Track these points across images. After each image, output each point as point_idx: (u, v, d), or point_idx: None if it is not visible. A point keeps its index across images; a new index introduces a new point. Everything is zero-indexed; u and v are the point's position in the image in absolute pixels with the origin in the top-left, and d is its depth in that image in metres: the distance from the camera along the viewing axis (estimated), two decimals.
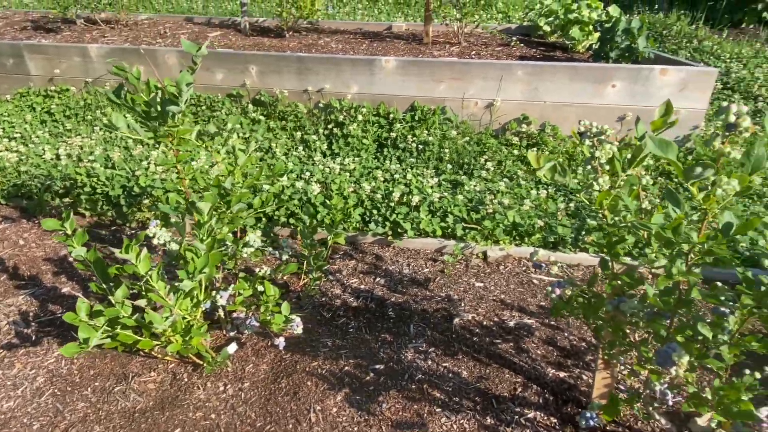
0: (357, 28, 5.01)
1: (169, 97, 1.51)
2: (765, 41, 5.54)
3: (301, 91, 3.71)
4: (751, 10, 5.77)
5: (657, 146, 0.91)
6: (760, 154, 0.94)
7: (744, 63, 5.19)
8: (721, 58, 5.23)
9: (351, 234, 2.60)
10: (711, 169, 0.89)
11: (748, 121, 0.87)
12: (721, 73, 5.08)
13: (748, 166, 0.95)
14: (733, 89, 4.81)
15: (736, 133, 0.88)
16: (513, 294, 2.24)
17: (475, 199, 2.71)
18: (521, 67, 3.37)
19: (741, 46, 5.40)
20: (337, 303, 2.19)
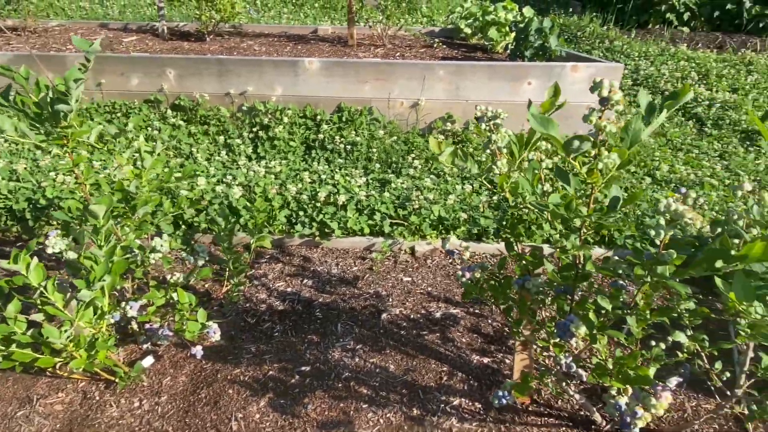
0: (282, 31, 4.95)
1: (57, 96, 1.41)
2: (669, 40, 5.97)
3: (223, 94, 3.61)
4: (655, 12, 6.21)
5: (539, 123, 0.94)
6: (636, 128, 0.99)
7: (651, 61, 5.58)
8: (630, 56, 5.59)
9: (277, 237, 2.54)
10: (588, 143, 0.93)
11: (620, 95, 0.92)
12: (631, 71, 5.43)
13: (627, 141, 1.00)
14: (642, 85, 5.15)
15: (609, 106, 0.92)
16: (440, 286, 2.27)
17: (402, 196, 2.73)
18: (442, 67, 3.44)
19: (648, 45, 5.80)
20: (262, 308, 2.12)
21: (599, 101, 0.94)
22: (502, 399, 1.21)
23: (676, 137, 4.07)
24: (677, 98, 0.95)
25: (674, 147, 3.94)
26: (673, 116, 4.54)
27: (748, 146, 4.05)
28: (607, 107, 0.93)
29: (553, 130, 0.94)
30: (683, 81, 5.14)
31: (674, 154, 3.83)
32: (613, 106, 0.93)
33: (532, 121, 0.94)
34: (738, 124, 4.35)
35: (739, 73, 5.27)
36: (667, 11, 6.14)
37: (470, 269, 1.32)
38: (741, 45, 5.84)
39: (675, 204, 1.00)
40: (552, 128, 0.94)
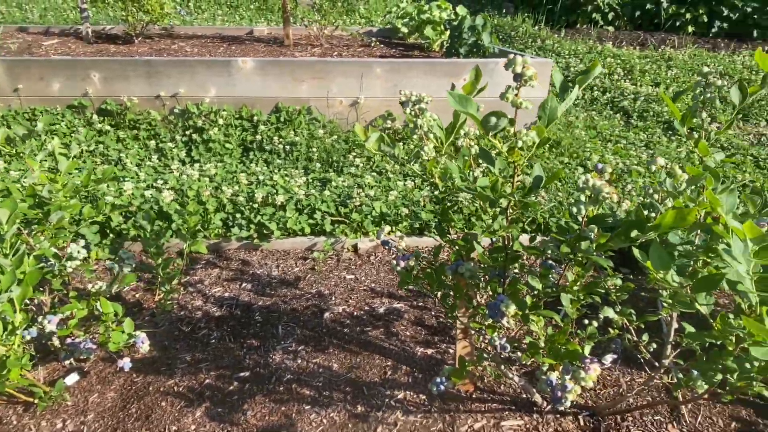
0: (216, 33, 4.81)
1: None
2: (596, 39, 6.26)
3: (153, 97, 3.45)
4: (582, 12, 6.50)
5: (457, 102, 0.94)
6: (552, 106, 1.01)
7: (580, 58, 5.83)
8: (561, 54, 5.82)
9: (213, 241, 2.44)
10: (505, 119, 0.94)
11: (532, 70, 0.93)
12: (562, 68, 5.65)
13: (545, 119, 1.02)
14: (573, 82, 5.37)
15: (523, 82, 0.93)
16: (383, 282, 2.25)
17: (344, 194, 2.70)
18: (380, 64, 3.44)
19: (577, 44, 6.06)
20: (198, 315, 2.03)
21: (513, 77, 0.95)
22: (440, 385, 1.20)
23: (605, 129, 4.25)
24: (587, 74, 0.97)
25: (604, 138, 4.12)
26: (602, 110, 4.75)
27: (671, 136, 4.30)
28: (521, 83, 0.94)
29: (471, 108, 0.94)
30: (611, 77, 5.40)
31: (604, 145, 4.00)
32: (527, 81, 0.94)
33: (451, 100, 0.94)
34: (661, 115, 4.61)
35: (660, 68, 5.60)
36: (593, 11, 6.44)
37: (405, 258, 1.30)
38: (660, 42, 6.21)
39: (592, 180, 1.02)
40: (470, 107, 0.94)
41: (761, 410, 1.61)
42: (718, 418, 1.59)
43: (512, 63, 0.92)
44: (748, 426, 1.56)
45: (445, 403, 1.62)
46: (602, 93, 5.08)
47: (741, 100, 1.26)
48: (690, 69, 5.64)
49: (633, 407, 1.59)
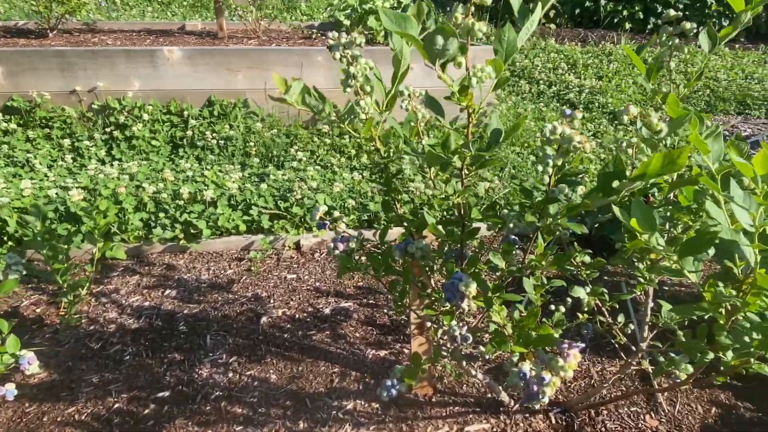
0: (144, 28, 4.45)
1: None
2: (539, 36, 6.30)
3: (68, 92, 3.09)
4: None
5: (393, 22, 0.74)
6: (511, 37, 0.83)
7: (525, 54, 5.84)
8: None
9: (133, 245, 2.14)
10: (454, 40, 0.74)
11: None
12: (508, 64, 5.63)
13: (502, 53, 0.84)
14: (519, 76, 5.35)
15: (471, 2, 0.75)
16: (329, 280, 2.02)
17: (284, 188, 2.45)
18: (320, 52, 3.23)
19: None
20: (111, 328, 1.73)
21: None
22: (392, 389, 0.99)
23: (553, 120, 4.20)
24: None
25: None
26: (549, 102, 4.73)
27: (616, 125, 4.31)
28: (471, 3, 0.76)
29: (412, 28, 0.74)
30: (555, 71, 5.42)
31: None
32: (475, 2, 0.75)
33: (384, 19, 0.74)
34: (606, 106, 4.63)
35: (602, 62, 5.67)
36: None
37: (344, 240, 1.09)
38: (601, 38, 6.33)
39: (561, 126, 0.85)
40: (410, 27, 0.74)
41: (739, 393, 1.49)
42: (697, 404, 1.46)
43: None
44: (728, 410, 1.44)
45: (401, 411, 1.41)
46: (548, 86, 5.08)
47: (711, 47, 1.13)
48: (630, 63, 5.75)
49: (607, 399, 1.44)
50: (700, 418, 1.41)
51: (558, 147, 0.87)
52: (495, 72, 0.79)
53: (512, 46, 0.81)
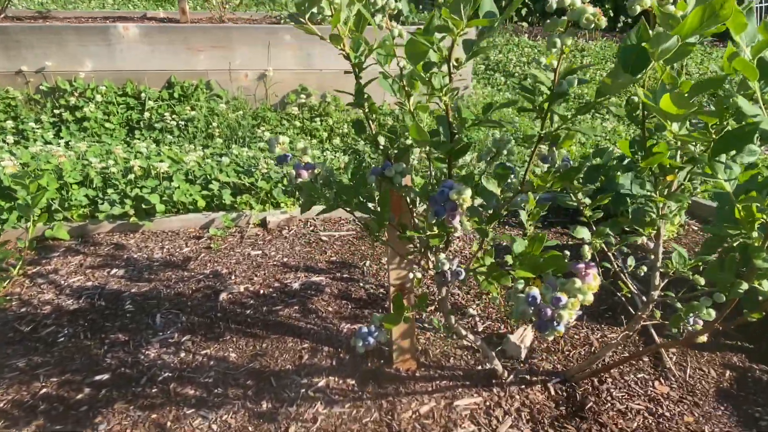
0: (103, 16, 4.20)
1: None
2: (512, 32, 6.28)
3: (14, 72, 2.84)
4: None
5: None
6: None
7: (499, 50, 5.80)
8: None
9: (78, 224, 1.91)
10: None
11: None
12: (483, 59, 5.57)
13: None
14: (494, 70, 5.29)
15: None
16: (298, 255, 1.82)
17: (249, 164, 2.25)
18: (288, 30, 3.06)
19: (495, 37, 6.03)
20: (46, 310, 1.50)
21: None
22: (369, 337, 0.81)
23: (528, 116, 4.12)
24: None
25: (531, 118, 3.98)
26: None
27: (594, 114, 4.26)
28: None
29: None
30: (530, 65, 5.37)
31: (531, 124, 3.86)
32: None
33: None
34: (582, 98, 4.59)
35: (575, 57, 5.67)
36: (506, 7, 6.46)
37: (309, 167, 0.91)
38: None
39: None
40: None
41: (753, 355, 1.36)
42: (709, 368, 1.31)
43: None
44: (743, 373, 1.30)
45: (380, 387, 1.23)
46: (523, 79, 5.02)
47: None
48: (603, 58, 5.76)
49: (611, 364, 1.28)
50: (714, 382, 1.26)
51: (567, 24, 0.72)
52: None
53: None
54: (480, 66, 5.31)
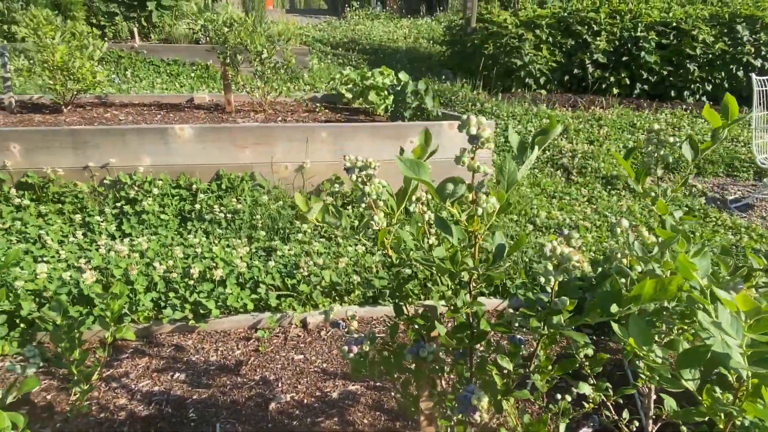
0: (154, 101, 4.66)
1: None
2: (531, 101, 6.59)
3: (81, 168, 3.21)
4: (516, 78, 6.87)
5: (408, 167, 0.84)
6: (511, 169, 0.92)
7: (518, 119, 6.08)
8: (500, 116, 6.05)
9: (143, 325, 2.18)
10: (463, 185, 0.84)
11: (489, 132, 0.85)
12: (502, 129, 5.86)
13: (504, 183, 0.93)
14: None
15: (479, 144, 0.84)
16: (336, 360, 2.05)
17: (290, 264, 2.52)
18: (324, 128, 3.39)
19: (514, 107, 6.34)
20: (121, 416, 1.74)
21: (468, 140, 0.86)
22: None
23: (549, 186, 4.35)
24: (547, 133, 0.90)
25: (548, 195, 4.20)
26: (543, 167, 4.89)
27: (610, 190, 4.45)
28: (477, 146, 0.85)
29: (425, 174, 0.84)
30: None
31: (549, 202, 4.07)
32: (484, 143, 0.85)
33: (401, 166, 0.83)
34: (598, 171, 4.80)
35: (592, 127, 5.91)
36: (526, 77, 6.81)
37: (357, 342, 1.14)
38: (590, 103, 6.62)
39: (560, 247, 0.92)
40: (423, 173, 0.84)
41: None
42: None
43: (466, 124, 0.83)
44: None
45: None
46: (542, 151, 5.26)
47: (693, 156, 1.24)
48: (619, 127, 5.99)
49: None
50: None
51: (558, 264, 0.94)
52: (498, 202, 0.88)
53: (513, 178, 0.90)
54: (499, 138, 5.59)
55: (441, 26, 10.39)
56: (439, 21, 10.93)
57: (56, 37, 3.84)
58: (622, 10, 6.91)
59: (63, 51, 3.81)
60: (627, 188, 4.55)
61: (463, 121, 0.82)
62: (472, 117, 0.82)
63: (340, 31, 9.79)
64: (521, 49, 6.66)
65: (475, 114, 5.09)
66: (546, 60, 6.77)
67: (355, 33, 9.67)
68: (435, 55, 8.56)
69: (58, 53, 3.79)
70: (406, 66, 8.08)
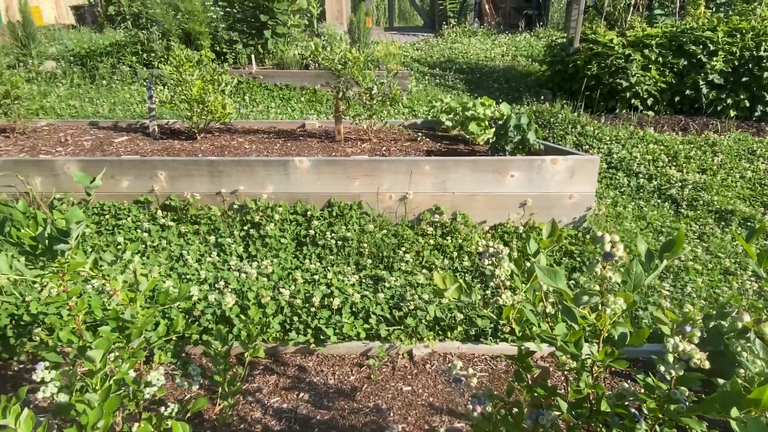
0: (270, 126, 5.12)
1: (57, 235, 1.41)
2: (636, 124, 6.33)
3: (214, 193, 3.66)
4: (621, 98, 6.63)
5: (546, 275, 0.97)
6: (638, 272, 1.02)
7: (622, 144, 5.88)
8: (602, 140, 5.89)
9: (271, 345, 2.48)
10: (596, 296, 0.96)
11: (622, 250, 0.96)
12: (605, 154, 5.70)
13: (630, 284, 1.03)
14: (617, 168, 5.39)
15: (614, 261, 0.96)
16: (441, 395, 2.21)
17: (397, 296, 2.72)
18: (427, 162, 3.57)
19: (618, 130, 6.13)
20: (257, 429, 2.03)
21: (603, 256, 0.97)
22: None
23: (655, 220, 4.20)
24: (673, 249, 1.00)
25: (654, 230, 4.06)
26: (649, 198, 4.71)
27: (724, 227, 4.19)
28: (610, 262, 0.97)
29: (561, 282, 0.97)
30: (655, 163, 5.40)
31: (656, 237, 3.94)
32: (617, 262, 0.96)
33: (539, 273, 0.97)
34: (711, 204, 4.53)
35: (705, 154, 5.56)
36: (632, 97, 6.56)
37: (481, 401, 1.29)
38: (703, 127, 6.22)
39: (682, 344, 1.01)
40: (559, 280, 0.97)
41: None
42: None
43: (600, 241, 0.95)
44: None
45: None
46: (648, 180, 5.05)
47: None
48: (736, 154, 5.59)
49: None
50: None
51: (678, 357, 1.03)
52: (625, 303, 0.99)
53: (639, 280, 1.00)
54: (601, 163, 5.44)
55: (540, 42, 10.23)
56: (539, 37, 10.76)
57: (194, 73, 4.38)
58: (743, 28, 6.43)
59: (199, 86, 4.34)
60: (743, 225, 4.26)
61: (596, 237, 0.95)
62: (606, 235, 0.94)
63: (437, 49, 9.97)
64: (627, 70, 6.43)
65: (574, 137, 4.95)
66: (654, 81, 6.47)
67: (452, 51, 9.81)
68: (533, 73, 8.46)
69: (195, 88, 4.32)
70: (503, 86, 8.08)
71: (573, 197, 3.61)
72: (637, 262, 1.03)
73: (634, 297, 1.02)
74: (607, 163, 5.47)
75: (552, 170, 3.55)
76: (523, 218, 3.64)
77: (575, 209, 3.65)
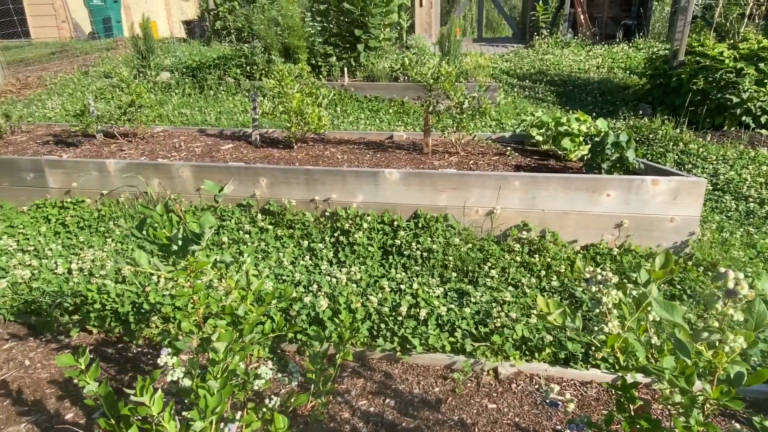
0: (360, 137, 5.31)
1: (191, 237, 1.59)
2: (747, 143, 5.84)
3: (309, 200, 3.86)
4: (730, 115, 6.14)
5: (663, 308, 0.96)
6: (761, 311, 0.99)
7: (731, 164, 5.43)
8: (707, 159, 5.49)
9: (358, 349, 2.59)
10: (717, 334, 0.94)
11: (746, 289, 0.93)
12: (710, 174, 5.30)
13: (752, 323, 1.00)
14: (723, 190, 4.99)
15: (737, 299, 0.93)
16: (527, 417, 2.19)
17: (482, 311, 2.73)
18: (517, 178, 3.54)
19: (725, 149, 5.69)
20: (346, 429, 2.13)
21: (725, 293, 0.95)
22: None
23: (766, 249, 3.85)
24: None
25: (766, 259, 3.72)
26: (761, 225, 4.33)
27: None
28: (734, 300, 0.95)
29: (678, 316, 0.96)
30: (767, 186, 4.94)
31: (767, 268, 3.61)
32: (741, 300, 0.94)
33: (655, 306, 0.97)
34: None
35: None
36: (743, 114, 6.07)
37: (579, 428, 1.29)
38: None
39: None
40: (677, 314, 0.96)
41: None
42: None
43: (723, 278, 0.93)
44: None
45: None
46: (759, 205, 4.64)
47: None
48: None
49: None
50: None
51: None
52: (746, 342, 0.96)
53: (761, 319, 0.97)
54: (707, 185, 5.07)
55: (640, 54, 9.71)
56: (638, 48, 10.21)
57: (295, 87, 4.66)
58: None
59: (299, 99, 4.61)
60: None
61: (719, 274, 0.93)
62: (730, 272, 0.92)
63: (527, 61, 9.79)
64: (739, 84, 5.95)
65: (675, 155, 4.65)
66: None
67: (543, 63, 9.58)
68: (631, 86, 8.05)
69: (295, 100, 4.60)
70: (597, 99, 7.77)
71: (674, 220, 3.41)
72: (760, 300, 0.99)
73: (755, 335, 0.98)
74: (712, 185, 5.09)
75: (652, 191, 3.38)
76: (617, 240, 3.50)
77: (676, 233, 3.45)
